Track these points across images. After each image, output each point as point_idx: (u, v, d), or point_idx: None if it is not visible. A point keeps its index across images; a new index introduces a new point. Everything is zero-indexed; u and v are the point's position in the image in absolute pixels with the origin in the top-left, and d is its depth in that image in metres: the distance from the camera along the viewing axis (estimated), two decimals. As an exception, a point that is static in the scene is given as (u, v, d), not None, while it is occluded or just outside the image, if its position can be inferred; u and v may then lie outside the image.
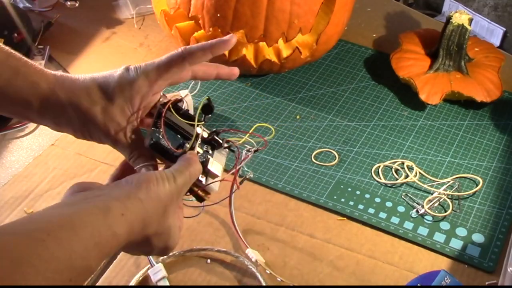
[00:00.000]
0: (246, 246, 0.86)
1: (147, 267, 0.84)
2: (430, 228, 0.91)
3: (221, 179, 0.71)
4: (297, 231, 0.91)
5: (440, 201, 0.94)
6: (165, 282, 0.82)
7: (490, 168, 1.01)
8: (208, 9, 1.05)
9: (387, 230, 0.91)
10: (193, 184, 0.69)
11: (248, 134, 0.75)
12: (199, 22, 1.08)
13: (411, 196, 0.95)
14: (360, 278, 0.85)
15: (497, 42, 1.34)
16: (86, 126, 0.70)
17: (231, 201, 0.84)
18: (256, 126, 0.80)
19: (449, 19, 1.10)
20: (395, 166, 1.00)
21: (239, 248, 0.88)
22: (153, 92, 0.71)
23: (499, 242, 0.89)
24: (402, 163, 1.00)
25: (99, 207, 0.59)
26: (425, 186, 0.96)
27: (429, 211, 0.92)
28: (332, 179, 0.98)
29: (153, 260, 0.84)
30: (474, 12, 1.36)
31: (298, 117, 1.09)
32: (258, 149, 0.74)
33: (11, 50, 0.71)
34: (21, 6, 1.29)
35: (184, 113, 0.73)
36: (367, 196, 0.95)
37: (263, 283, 0.83)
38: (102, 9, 1.35)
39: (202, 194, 0.70)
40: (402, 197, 0.95)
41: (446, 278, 0.76)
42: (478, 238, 0.90)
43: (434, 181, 0.98)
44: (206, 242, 0.89)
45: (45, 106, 0.70)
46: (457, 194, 0.95)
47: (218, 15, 1.05)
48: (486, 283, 0.84)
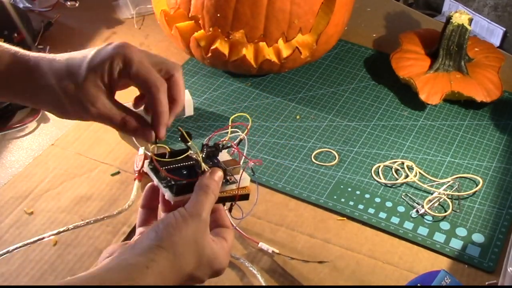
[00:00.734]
0: (256, 242, 0.87)
1: None
2: (430, 228, 0.91)
3: (243, 167, 0.72)
4: (297, 231, 0.91)
5: (440, 201, 0.94)
6: None
7: (490, 168, 1.01)
8: (208, 9, 1.05)
9: (387, 230, 0.91)
10: (227, 192, 0.70)
11: (229, 127, 0.76)
12: (199, 22, 1.08)
13: (411, 196, 0.95)
14: (360, 278, 0.85)
15: (497, 42, 1.34)
16: (63, 104, 0.72)
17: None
18: (232, 117, 0.84)
19: (449, 19, 1.10)
20: (395, 166, 1.00)
21: (244, 247, 0.88)
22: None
23: (499, 242, 0.89)
24: (402, 163, 1.00)
25: (122, 266, 0.61)
26: (425, 186, 0.96)
27: (429, 211, 0.92)
28: (332, 179, 0.98)
29: None
30: (474, 12, 1.36)
31: (298, 117, 1.09)
32: (242, 137, 0.74)
33: None
34: (21, 6, 1.29)
35: (171, 154, 0.72)
36: (367, 196, 0.95)
37: (263, 283, 0.83)
38: (102, 9, 1.35)
39: (243, 192, 0.71)
40: (402, 197, 0.95)
41: (446, 278, 0.76)
42: (478, 238, 0.90)
43: (434, 181, 0.98)
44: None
45: (23, 87, 0.72)
46: (457, 194, 0.95)
47: (218, 15, 1.05)
48: (486, 283, 0.84)
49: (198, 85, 1.15)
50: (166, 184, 0.69)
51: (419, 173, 0.99)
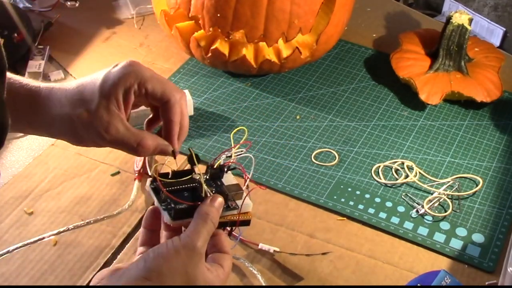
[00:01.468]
0: (255, 244, 0.86)
1: None
2: (430, 228, 0.91)
3: (246, 193, 0.71)
4: (297, 231, 0.91)
5: (440, 201, 0.94)
6: None
7: (490, 168, 1.01)
8: (208, 9, 1.05)
9: (387, 230, 0.91)
10: (227, 218, 0.69)
11: (233, 148, 0.75)
12: (199, 22, 1.08)
13: (411, 196, 0.95)
14: (360, 278, 0.85)
15: (497, 42, 1.34)
16: (77, 133, 0.71)
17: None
18: (232, 133, 0.87)
19: (449, 19, 1.10)
20: (395, 166, 1.00)
21: (244, 248, 0.88)
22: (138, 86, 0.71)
23: (499, 242, 0.89)
24: (402, 163, 1.00)
25: None
26: (425, 186, 0.96)
27: (429, 211, 0.92)
28: (332, 179, 0.98)
29: None
30: (474, 12, 1.36)
31: (298, 117, 1.09)
32: (241, 154, 0.74)
33: None
34: (21, 6, 1.29)
35: (174, 174, 0.71)
36: (367, 196, 0.95)
37: (263, 283, 0.83)
38: (102, 9, 1.35)
39: (244, 218, 0.70)
40: (402, 197, 0.95)
41: (446, 278, 0.76)
42: (478, 238, 0.90)
43: (434, 181, 0.98)
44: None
45: (31, 120, 0.72)
46: (457, 194, 0.95)
47: (218, 15, 1.05)
48: (486, 283, 0.84)
49: (198, 85, 1.15)
50: (165, 207, 0.68)
51: (419, 173, 0.99)
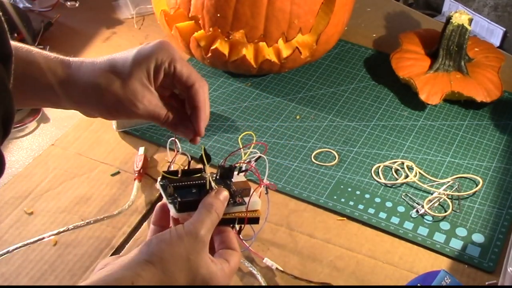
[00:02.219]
0: (261, 257, 0.86)
1: None
2: (430, 228, 0.91)
3: (253, 190, 0.71)
4: (297, 231, 0.91)
5: (440, 201, 0.94)
6: None
7: (490, 168, 1.01)
8: (208, 9, 1.05)
9: (387, 230, 0.91)
10: (235, 214, 0.69)
11: (247, 151, 0.75)
12: (199, 22, 1.08)
13: (411, 196, 0.95)
14: (360, 278, 0.85)
15: (497, 42, 1.34)
16: (110, 104, 0.71)
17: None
18: (241, 135, 0.84)
19: (449, 19, 1.10)
20: (395, 166, 1.00)
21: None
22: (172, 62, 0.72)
23: (499, 242, 0.89)
24: (402, 163, 1.00)
25: (107, 281, 0.61)
26: (425, 186, 0.96)
27: (429, 211, 0.92)
28: (332, 179, 0.98)
29: None
30: (474, 12, 1.36)
31: (298, 117, 1.09)
32: (260, 155, 0.74)
33: (17, 43, 0.74)
34: (21, 6, 1.29)
35: (183, 172, 0.72)
36: (367, 196, 0.95)
37: (263, 283, 0.83)
38: (102, 9, 1.35)
39: (252, 215, 0.70)
40: (402, 197, 0.95)
41: (446, 278, 0.76)
42: (478, 238, 0.90)
43: (434, 181, 0.98)
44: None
45: (64, 90, 0.72)
46: (457, 194, 0.95)
47: (218, 15, 1.05)
48: (486, 283, 0.84)
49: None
50: (171, 200, 0.69)
51: (419, 173, 0.99)
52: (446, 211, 0.93)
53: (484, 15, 1.36)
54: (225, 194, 0.69)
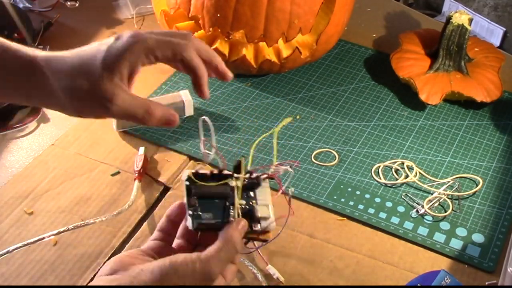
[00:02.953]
0: (266, 263, 0.85)
1: None
2: (430, 228, 0.91)
3: (273, 220, 0.71)
4: (297, 231, 0.91)
5: (440, 201, 0.94)
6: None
7: (490, 168, 1.01)
8: (208, 9, 1.05)
9: (387, 230, 0.91)
10: (251, 233, 0.69)
11: (273, 166, 0.74)
12: (199, 22, 1.08)
13: (411, 196, 0.95)
14: (360, 278, 0.85)
15: (497, 42, 1.34)
16: (81, 104, 0.68)
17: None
18: (253, 147, 0.78)
19: (449, 19, 1.10)
20: (395, 166, 1.00)
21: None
22: (145, 61, 0.69)
23: (499, 242, 0.89)
24: (402, 163, 1.00)
25: None
26: (425, 186, 0.96)
27: (429, 211, 0.92)
28: (332, 179, 0.98)
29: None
30: (474, 12, 1.36)
31: (298, 117, 1.09)
32: (292, 165, 0.74)
33: None
34: (21, 6, 1.29)
35: (212, 176, 0.71)
36: (367, 196, 0.95)
37: (264, 283, 0.83)
38: (102, 9, 1.35)
39: (263, 237, 0.70)
40: (402, 197, 0.95)
41: (446, 278, 0.76)
42: (478, 238, 0.90)
43: (434, 181, 0.98)
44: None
45: (33, 86, 0.69)
46: (457, 194, 0.95)
47: (218, 15, 1.05)
48: (486, 283, 0.84)
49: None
50: (192, 212, 0.67)
51: (419, 173, 0.99)
52: (446, 211, 0.93)
53: (484, 15, 1.35)
54: (243, 224, 0.68)
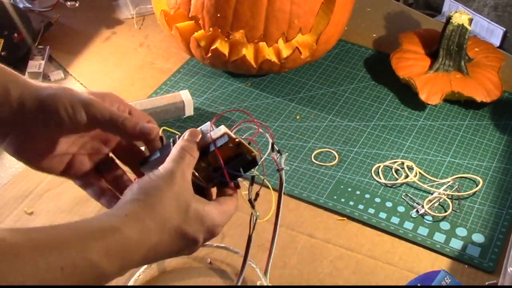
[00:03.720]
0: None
1: None
2: (430, 228, 0.91)
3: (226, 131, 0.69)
4: (297, 231, 0.91)
5: (440, 201, 0.94)
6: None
7: (490, 168, 1.01)
8: (208, 9, 1.05)
9: (387, 230, 0.91)
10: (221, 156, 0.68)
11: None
12: (199, 22, 1.08)
13: (411, 196, 0.95)
14: (360, 278, 0.85)
15: (497, 42, 1.34)
16: (25, 144, 0.68)
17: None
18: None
19: (449, 19, 1.10)
20: (395, 166, 1.00)
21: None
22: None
23: (499, 242, 0.89)
24: (402, 163, 1.00)
25: (100, 216, 0.60)
26: (425, 186, 0.96)
27: (429, 211, 0.92)
28: (332, 179, 0.98)
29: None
30: (474, 12, 1.36)
31: (298, 117, 1.09)
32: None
33: None
34: (21, 6, 1.29)
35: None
36: (367, 196, 0.95)
37: (264, 283, 0.83)
38: (102, 9, 1.35)
39: (235, 150, 0.68)
40: (402, 197, 0.95)
41: (446, 278, 0.76)
42: (478, 238, 0.90)
43: (434, 181, 0.98)
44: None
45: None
46: (457, 194, 0.95)
47: (218, 15, 1.05)
48: (486, 283, 0.84)
49: (198, 85, 1.15)
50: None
51: (419, 173, 0.99)
52: (446, 211, 0.93)
53: (484, 15, 1.35)
54: (191, 131, 0.68)
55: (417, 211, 0.93)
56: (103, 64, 1.20)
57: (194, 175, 0.67)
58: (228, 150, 0.68)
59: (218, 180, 0.69)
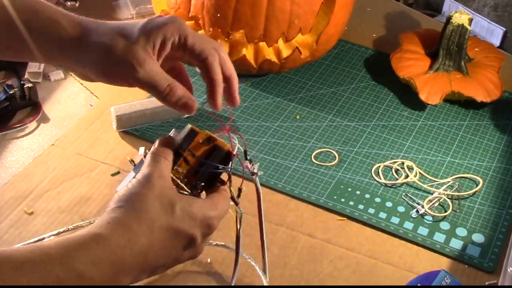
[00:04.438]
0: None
1: None
2: (430, 228, 0.91)
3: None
4: (297, 231, 0.91)
5: (440, 201, 0.94)
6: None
7: (490, 168, 1.01)
8: (208, 9, 1.06)
9: (387, 230, 0.91)
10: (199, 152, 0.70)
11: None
12: (199, 22, 1.08)
13: (411, 196, 0.95)
14: (360, 278, 0.85)
15: (497, 42, 1.34)
16: (111, 65, 0.72)
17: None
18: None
19: (449, 19, 1.10)
20: (395, 166, 1.00)
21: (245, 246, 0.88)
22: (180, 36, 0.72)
23: (499, 242, 0.89)
24: (402, 163, 1.00)
25: (87, 227, 0.62)
26: (425, 186, 0.96)
27: (429, 211, 0.92)
28: (332, 179, 0.98)
29: None
30: (474, 12, 1.36)
31: (298, 117, 1.09)
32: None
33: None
34: (21, 6, 1.29)
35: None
36: (367, 196, 0.95)
37: (264, 283, 0.83)
38: (102, 9, 1.35)
39: (206, 146, 0.70)
40: (402, 197, 0.95)
41: (446, 278, 0.76)
42: (478, 238, 0.90)
43: (434, 181, 0.98)
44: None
45: (67, 44, 0.73)
46: (457, 194, 0.95)
47: (218, 15, 1.05)
48: (486, 283, 0.84)
49: (198, 85, 1.15)
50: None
51: (419, 173, 0.99)
52: (446, 211, 0.93)
53: (484, 15, 1.36)
54: (159, 139, 0.70)
55: (417, 211, 0.93)
56: (103, 64, 1.20)
57: (177, 186, 0.68)
58: (201, 146, 0.70)
59: (203, 186, 0.70)
